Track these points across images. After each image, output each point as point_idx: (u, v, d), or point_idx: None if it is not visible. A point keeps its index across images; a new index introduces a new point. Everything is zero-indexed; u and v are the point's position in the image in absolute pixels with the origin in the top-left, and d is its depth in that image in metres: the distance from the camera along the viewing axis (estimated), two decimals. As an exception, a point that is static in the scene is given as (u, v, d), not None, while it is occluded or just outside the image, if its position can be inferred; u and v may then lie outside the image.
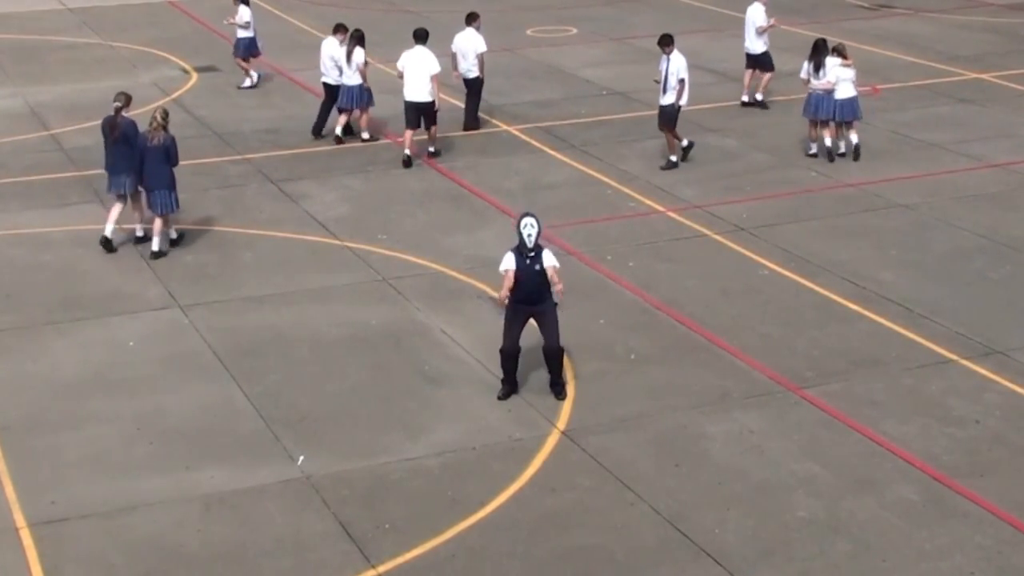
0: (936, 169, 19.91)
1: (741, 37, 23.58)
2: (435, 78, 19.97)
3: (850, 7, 32.29)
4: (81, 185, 19.52)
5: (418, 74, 19.96)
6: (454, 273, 16.21)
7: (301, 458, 12.14)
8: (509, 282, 12.94)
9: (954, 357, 13.96)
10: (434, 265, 16.45)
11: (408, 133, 20.23)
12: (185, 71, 26.26)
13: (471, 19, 21.82)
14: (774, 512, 11.26)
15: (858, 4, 32.64)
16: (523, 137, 21.70)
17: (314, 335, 14.60)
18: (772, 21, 23.16)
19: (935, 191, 18.94)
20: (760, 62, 23.19)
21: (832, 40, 20.93)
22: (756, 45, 23.13)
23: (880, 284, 15.75)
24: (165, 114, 16.84)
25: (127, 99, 17.08)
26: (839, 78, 19.92)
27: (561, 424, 12.71)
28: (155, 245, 16.75)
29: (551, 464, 12.04)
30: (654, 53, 22.28)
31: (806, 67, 20.34)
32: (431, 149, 20.58)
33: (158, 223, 16.77)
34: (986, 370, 13.67)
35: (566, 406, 13.03)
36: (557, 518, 11.21)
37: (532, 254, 12.77)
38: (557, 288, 12.94)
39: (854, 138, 20.13)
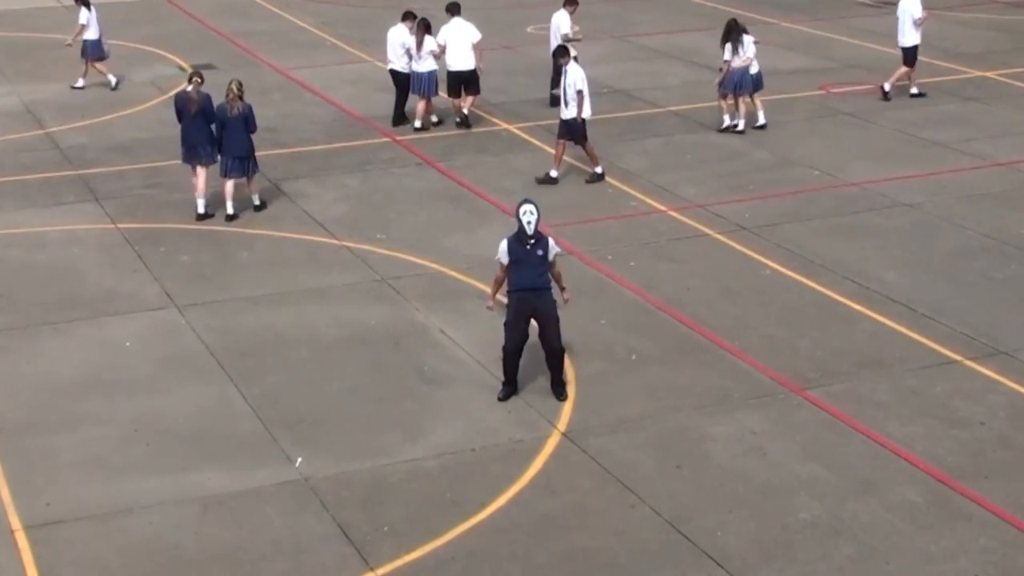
0: (940, 168, 19.85)
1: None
2: (477, 46, 21.37)
3: (854, 4, 32.22)
4: (77, 184, 19.46)
5: (460, 44, 21.33)
6: (454, 273, 16.15)
7: (299, 460, 12.09)
8: (499, 283, 12.93)
9: (958, 358, 13.89)
10: (433, 265, 16.39)
11: (455, 101, 21.73)
12: (182, 69, 26.16)
13: (456, 9, 21.82)
14: (776, 514, 11.20)
15: (861, 2, 32.55)
16: (523, 136, 21.64)
17: (312, 335, 14.53)
18: (925, 14, 23.13)
19: (939, 190, 18.88)
20: (909, 55, 23.06)
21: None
22: (911, 38, 22.99)
23: (884, 284, 15.69)
24: (240, 85, 17.92)
25: (202, 77, 18.10)
26: (754, 53, 21.15)
27: (562, 425, 12.66)
28: (229, 208, 17.85)
29: (551, 466, 11.99)
30: (656, 51, 22.28)
31: (728, 49, 21.03)
32: (465, 111, 21.70)
33: (229, 186, 17.82)
34: (991, 371, 13.61)
35: (567, 407, 12.98)
36: (557, 520, 11.16)
37: (532, 241, 12.73)
38: (564, 297, 13.15)
39: (760, 104, 21.55)
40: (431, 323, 14.83)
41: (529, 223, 12.73)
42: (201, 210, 17.91)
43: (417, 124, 21.73)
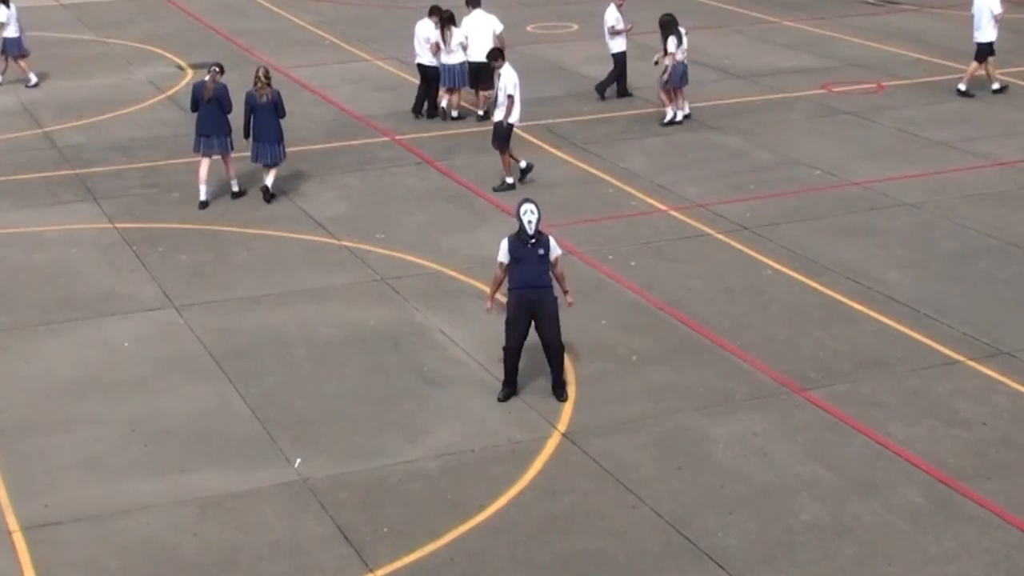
0: (942, 167, 19.79)
1: (744, 33, 23.47)
2: (499, 37, 21.52)
3: (855, 3, 32.15)
4: (75, 184, 19.40)
5: (481, 35, 21.61)
6: (453, 273, 16.10)
7: (298, 461, 12.05)
8: (497, 283, 12.89)
9: (960, 358, 13.85)
10: (433, 265, 16.34)
11: (482, 94, 21.92)
12: (180, 67, 26.14)
13: (476, 1, 22.20)
14: (778, 515, 11.17)
15: (864, 0, 32.49)
16: (523, 135, 21.56)
17: (311, 336, 14.49)
18: (1004, 9, 23.30)
19: (941, 189, 18.83)
20: (985, 50, 23.09)
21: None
22: (988, 33, 23.01)
23: (885, 284, 15.64)
24: (267, 72, 18.47)
25: (222, 68, 18.57)
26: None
27: (562, 426, 12.62)
28: (268, 181, 18.45)
29: (552, 467, 11.95)
30: (656, 49, 22.18)
31: (672, 42, 21.26)
32: (480, 113, 22.00)
33: (262, 170, 18.51)
34: (993, 371, 13.57)
35: (567, 408, 12.94)
36: (558, 521, 11.12)
37: (533, 240, 12.69)
38: (568, 300, 13.14)
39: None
40: (431, 323, 14.78)
41: (530, 222, 12.69)
42: (203, 196, 18.25)
43: (454, 114, 22.25)
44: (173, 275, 16.13)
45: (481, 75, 21.70)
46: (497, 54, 19.03)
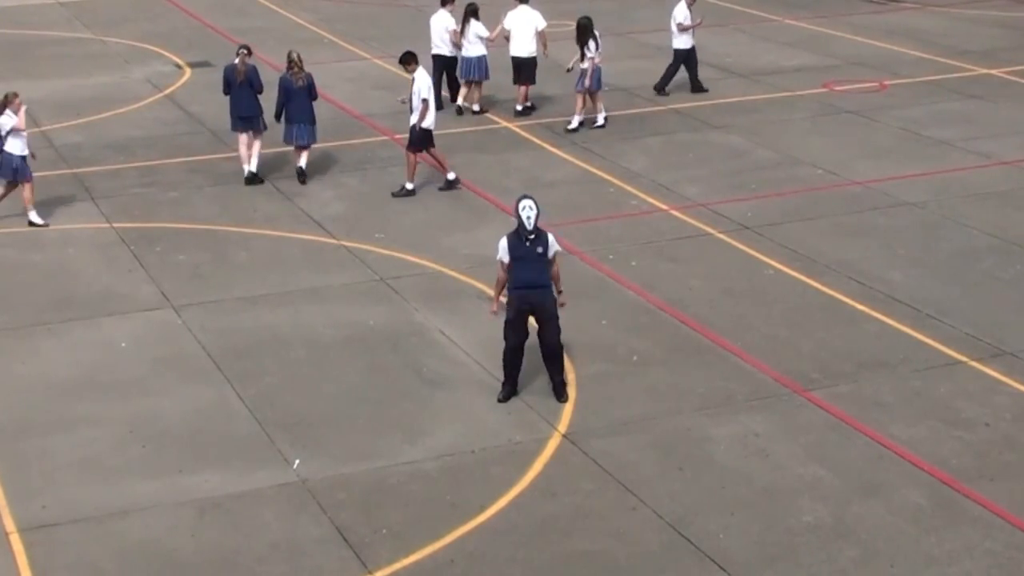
0: (945, 167, 19.75)
1: (745, 32, 23.43)
2: (542, 33, 21.94)
3: (857, 1, 32.09)
4: (72, 183, 19.34)
5: (524, 30, 21.96)
6: (453, 273, 16.05)
7: (297, 462, 12.01)
8: (501, 284, 12.82)
9: (963, 358, 13.81)
10: (432, 264, 16.30)
11: (522, 89, 22.26)
12: (178, 66, 26.10)
13: None
14: (779, 517, 11.13)
15: (865, -1, 32.48)
16: (523, 133, 21.56)
17: (310, 336, 14.44)
18: None
19: (944, 189, 18.78)
20: None
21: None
22: None
23: (888, 284, 15.60)
24: (299, 56, 19.28)
25: (250, 50, 19.33)
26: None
27: (562, 427, 12.57)
28: (302, 162, 19.11)
29: (552, 468, 11.91)
30: (658, 47, 22.17)
31: (591, 46, 21.08)
32: (518, 108, 22.28)
33: (295, 151, 19.21)
34: (996, 372, 13.53)
35: (567, 408, 12.90)
36: (558, 523, 11.09)
37: (532, 237, 12.63)
38: (561, 301, 13.02)
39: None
40: (430, 323, 14.73)
41: (528, 219, 12.64)
42: (252, 170, 19.11)
43: (475, 108, 22.39)
44: (171, 275, 16.08)
45: (522, 70, 22.11)
46: (409, 58, 18.59)
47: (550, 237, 12.84)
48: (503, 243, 12.79)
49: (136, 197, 18.76)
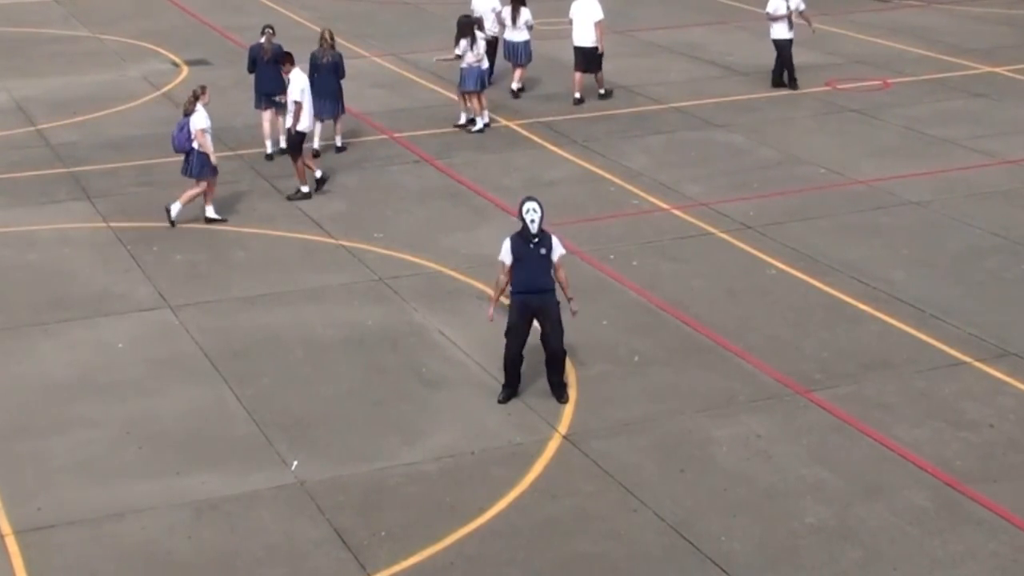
0: (949, 165, 19.70)
1: (747, 30, 23.40)
2: (599, 24, 22.70)
3: (858, -1, 32.07)
4: (68, 182, 19.29)
5: (584, 21, 22.79)
6: (452, 273, 16.00)
7: (295, 463, 11.96)
8: (501, 287, 12.74)
9: (967, 359, 13.75)
10: (432, 264, 16.24)
11: (577, 75, 22.85)
12: (175, 64, 26.03)
13: None
14: (782, 519, 11.09)
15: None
16: (523, 132, 21.51)
17: (308, 336, 14.38)
18: None
19: (948, 188, 18.73)
20: None
21: None
22: None
23: (891, 284, 15.54)
24: (332, 34, 20.15)
25: (274, 29, 20.30)
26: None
27: (563, 428, 12.52)
28: (315, 144, 19.32)
29: (552, 469, 11.86)
30: (658, 46, 22.09)
31: (463, 44, 21.04)
32: (601, 91, 23.04)
33: (318, 126, 19.43)
34: (1000, 372, 13.48)
35: (568, 409, 12.84)
36: (558, 525, 11.04)
37: (536, 239, 12.55)
38: (572, 309, 12.93)
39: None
40: (429, 323, 14.67)
41: (532, 221, 12.55)
42: (270, 150, 19.95)
43: (514, 86, 23.26)
44: (168, 275, 16.02)
45: (586, 59, 22.78)
46: (285, 58, 18.62)
47: (555, 240, 12.74)
48: (506, 244, 12.70)
49: (133, 196, 18.69)
